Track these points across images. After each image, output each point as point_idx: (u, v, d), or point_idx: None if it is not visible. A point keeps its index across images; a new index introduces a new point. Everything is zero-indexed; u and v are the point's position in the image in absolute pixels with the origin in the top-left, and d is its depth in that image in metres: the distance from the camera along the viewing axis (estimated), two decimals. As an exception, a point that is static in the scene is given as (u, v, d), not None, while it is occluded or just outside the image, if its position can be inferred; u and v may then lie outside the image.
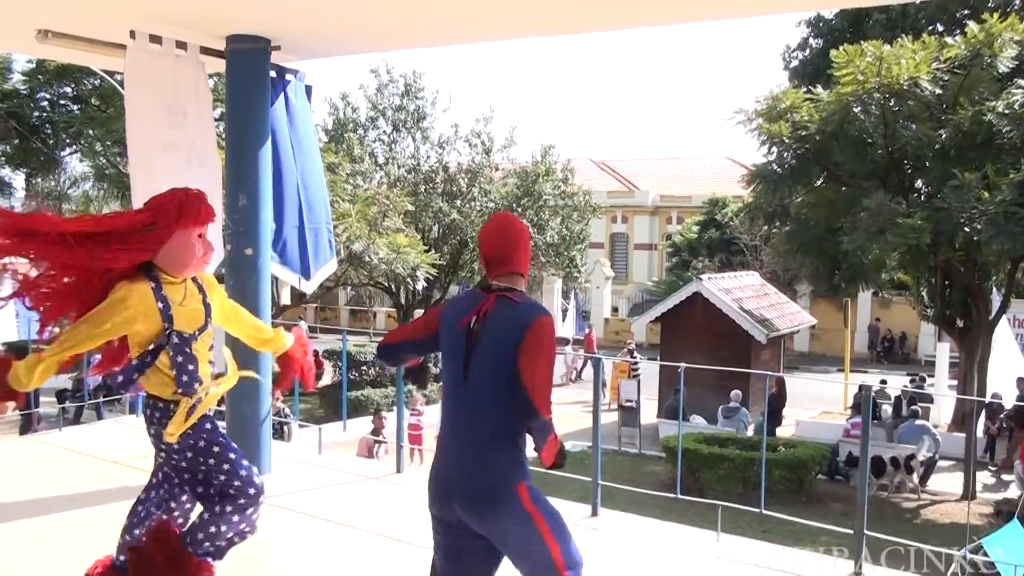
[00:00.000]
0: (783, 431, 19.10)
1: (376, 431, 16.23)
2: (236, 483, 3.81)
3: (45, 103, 30.29)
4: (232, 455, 3.85)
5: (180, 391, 3.76)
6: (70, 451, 7.49)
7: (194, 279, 3.86)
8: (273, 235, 6.27)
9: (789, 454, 15.04)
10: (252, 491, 3.85)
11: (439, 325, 3.39)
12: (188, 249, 3.71)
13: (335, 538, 5.48)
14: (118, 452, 7.31)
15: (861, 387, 5.29)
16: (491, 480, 3.16)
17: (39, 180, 33.97)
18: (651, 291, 37.90)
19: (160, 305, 3.67)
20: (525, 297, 3.33)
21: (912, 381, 21.39)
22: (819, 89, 16.41)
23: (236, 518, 3.83)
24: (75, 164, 33.38)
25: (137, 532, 3.86)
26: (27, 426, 15.68)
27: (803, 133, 16.06)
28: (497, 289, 3.29)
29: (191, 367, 3.78)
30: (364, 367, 23.16)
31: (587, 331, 31.33)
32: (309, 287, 6.83)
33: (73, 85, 29.00)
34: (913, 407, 17.45)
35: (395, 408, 18.93)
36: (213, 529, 3.81)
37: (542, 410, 3.06)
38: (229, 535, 3.86)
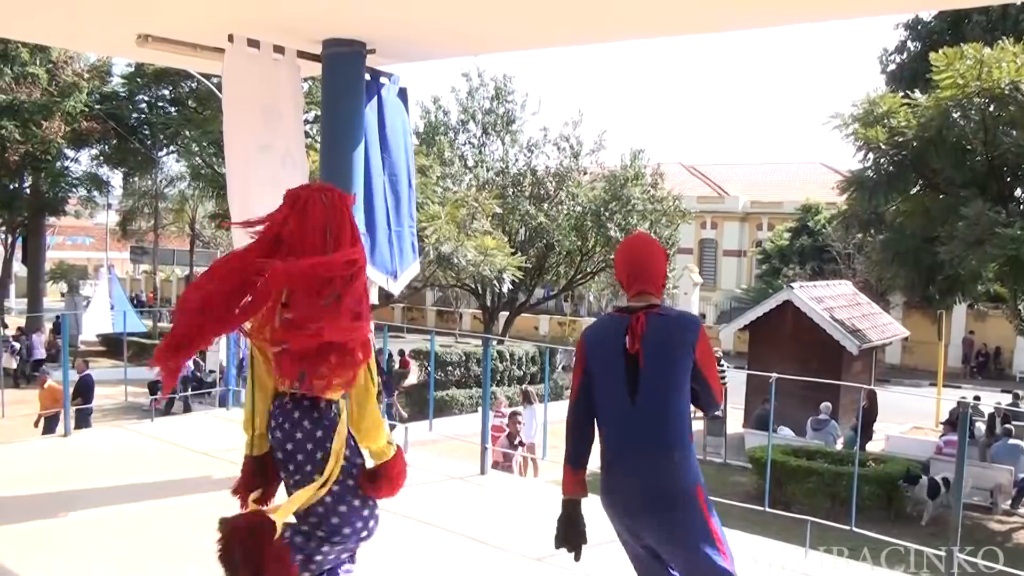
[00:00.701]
0: (873, 446, 18.68)
1: (511, 436, 13.60)
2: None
3: (143, 105, 31.13)
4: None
5: None
6: (162, 441, 7.69)
7: None
8: (366, 238, 6.34)
9: (879, 470, 14.69)
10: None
11: (588, 353, 3.48)
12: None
13: (418, 536, 5.53)
14: (208, 444, 7.49)
15: (959, 403, 5.12)
16: (678, 484, 3.29)
17: (136, 179, 34.95)
18: (740, 298, 37.44)
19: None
20: (669, 308, 3.51)
21: (1012, 398, 20.73)
22: (917, 93, 16.05)
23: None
24: (171, 164, 34.29)
25: None
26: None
27: (900, 139, 15.73)
28: (639, 308, 3.41)
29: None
30: (450, 367, 23.31)
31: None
32: (396, 288, 6.89)
33: (171, 88, 29.76)
34: (1007, 425, 16.89)
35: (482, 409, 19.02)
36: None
37: (719, 398, 3.46)
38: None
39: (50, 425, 13.39)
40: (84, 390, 15.01)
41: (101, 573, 4.70)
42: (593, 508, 3.47)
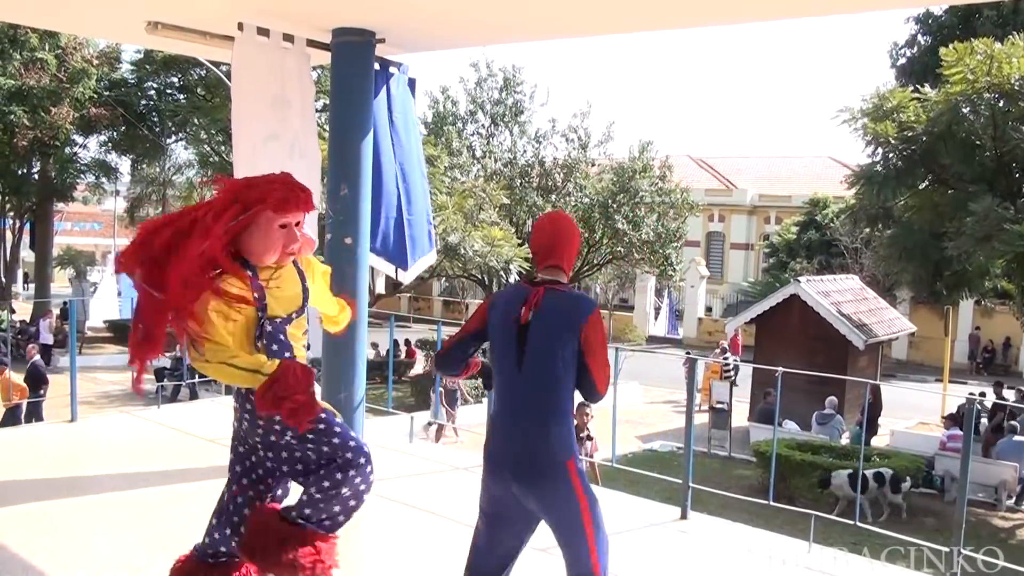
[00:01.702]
0: (878, 441, 18.66)
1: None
2: (347, 454, 3.57)
3: (152, 92, 31.13)
4: (337, 428, 3.61)
5: None
6: (168, 428, 7.72)
7: (294, 262, 3.66)
8: (372, 225, 6.34)
9: (883, 465, 14.68)
10: (363, 458, 3.60)
11: (489, 316, 3.60)
12: (269, 235, 3.48)
13: (421, 525, 5.54)
14: (214, 431, 7.51)
15: (968, 399, 5.11)
16: (546, 455, 3.40)
17: (145, 166, 34.97)
18: (746, 292, 37.36)
19: (256, 295, 3.49)
20: (570, 289, 3.59)
21: (1015, 395, 20.64)
22: (927, 88, 15.99)
23: (356, 480, 3.59)
24: (180, 151, 34.29)
25: (227, 532, 3.70)
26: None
27: (909, 134, 15.69)
28: (543, 281, 3.52)
29: (286, 353, 3.60)
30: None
31: (734, 334, 28.97)
32: (407, 277, 6.89)
33: (179, 75, 29.74)
34: (1012, 422, 16.85)
35: (481, 400, 18.97)
36: (325, 504, 3.58)
37: (601, 388, 3.48)
38: (349, 501, 3.61)
39: (11, 417, 12.88)
40: (33, 379, 14.32)
41: (106, 558, 4.72)
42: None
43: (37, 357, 15.10)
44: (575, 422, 4.02)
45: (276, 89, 5.91)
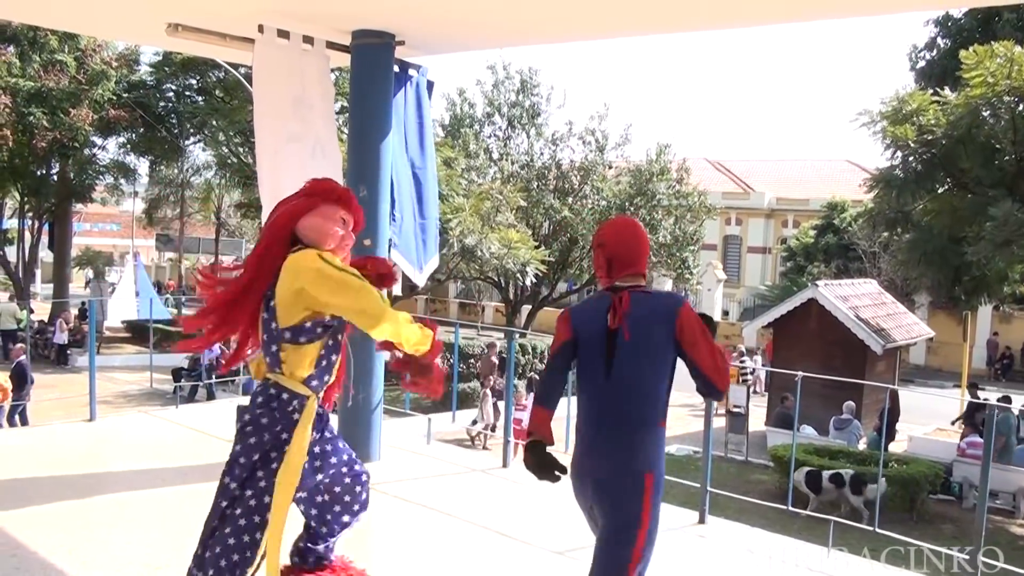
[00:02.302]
0: (895, 446, 18.56)
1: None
2: (354, 473, 3.77)
3: (171, 94, 31.23)
4: (341, 443, 3.79)
5: (312, 383, 3.52)
6: (186, 427, 7.74)
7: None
8: (396, 226, 6.35)
9: (901, 470, 14.58)
10: (364, 476, 3.81)
11: (572, 330, 3.48)
12: (327, 223, 3.52)
13: (438, 528, 5.54)
14: (231, 431, 7.51)
15: (987, 406, 5.07)
16: (626, 465, 3.29)
17: (163, 167, 35.14)
18: (764, 296, 37.25)
19: None
20: (656, 289, 3.58)
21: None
22: (947, 91, 15.90)
23: (356, 506, 3.79)
24: (198, 153, 34.44)
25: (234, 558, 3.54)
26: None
27: (929, 137, 15.60)
28: (626, 287, 3.43)
29: (333, 358, 3.59)
30: (472, 359, 23.30)
31: (767, 341, 28.41)
32: (420, 279, 6.91)
33: (198, 77, 29.82)
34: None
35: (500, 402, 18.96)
36: (334, 528, 3.79)
37: (716, 380, 3.34)
38: (346, 522, 3.80)
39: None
40: (18, 378, 14.17)
41: (124, 557, 4.73)
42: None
43: (23, 357, 14.92)
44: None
45: (297, 91, 5.92)
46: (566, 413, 7.69)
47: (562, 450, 8.25)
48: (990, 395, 22.73)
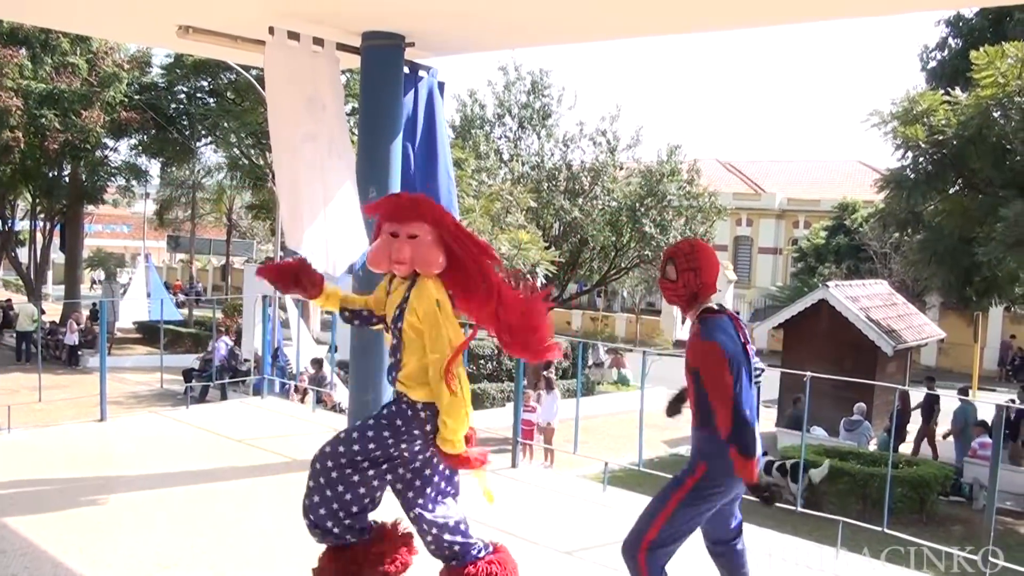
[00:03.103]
0: (906, 448, 18.50)
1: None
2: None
3: (182, 96, 31.31)
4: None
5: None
6: (197, 428, 7.77)
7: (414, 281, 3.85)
8: None
9: (911, 472, 14.54)
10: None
11: (728, 351, 3.68)
12: (376, 241, 3.89)
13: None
14: (242, 431, 7.56)
15: (998, 407, 5.07)
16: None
17: (174, 169, 35.22)
18: (774, 296, 37.19)
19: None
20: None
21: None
22: (957, 91, 15.85)
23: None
24: (209, 155, 34.49)
25: None
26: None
27: (940, 137, 15.56)
28: (722, 308, 3.90)
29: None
30: (482, 360, 23.30)
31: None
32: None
33: (209, 79, 29.90)
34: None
35: (504, 404, 18.94)
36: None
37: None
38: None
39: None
40: None
41: (135, 555, 4.76)
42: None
43: None
44: None
45: (310, 91, 5.93)
46: (575, 415, 7.72)
47: (570, 451, 8.23)
48: (999, 396, 22.65)
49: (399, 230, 3.73)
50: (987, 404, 13.43)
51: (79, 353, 25.61)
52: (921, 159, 16.20)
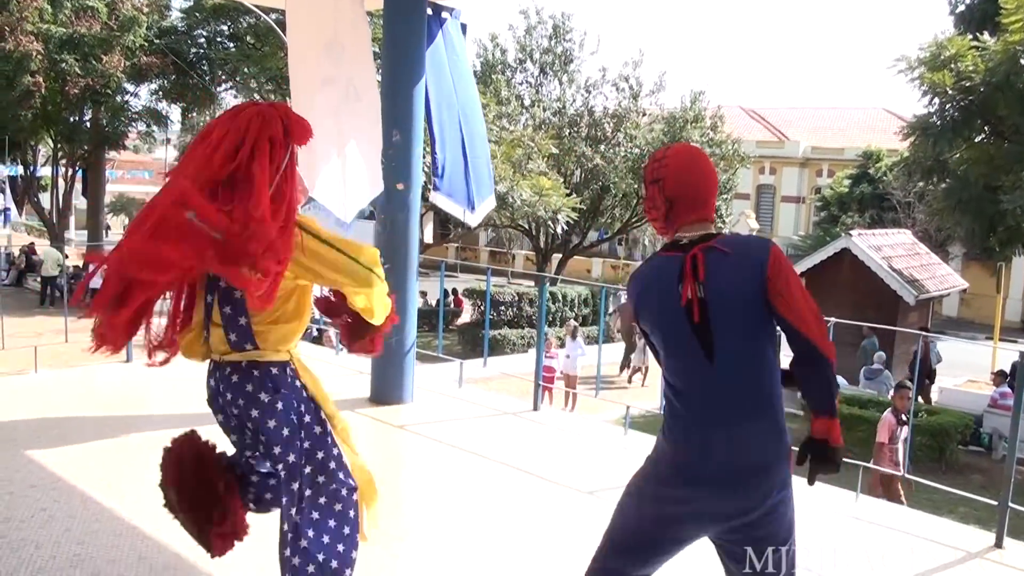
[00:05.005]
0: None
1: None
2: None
3: (202, 40, 31.11)
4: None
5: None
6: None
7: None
8: (439, 168, 6.34)
9: (931, 421, 14.56)
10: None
11: (638, 310, 2.81)
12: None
13: (469, 467, 5.61)
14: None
15: (1021, 355, 5.02)
16: (760, 456, 2.70)
17: (195, 114, 35.14)
18: (797, 245, 36.98)
19: None
20: (733, 236, 2.82)
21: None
22: (986, 36, 15.61)
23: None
24: (229, 99, 34.36)
25: None
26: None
27: (967, 84, 15.39)
28: (692, 241, 2.70)
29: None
30: (502, 307, 23.39)
31: None
32: (473, 220, 6.92)
33: (229, 23, 29.68)
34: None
35: (527, 350, 19.02)
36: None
37: (822, 345, 2.70)
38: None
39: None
40: None
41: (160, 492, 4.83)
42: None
43: None
44: (895, 404, 3.15)
45: (329, 34, 5.91)
46: (596, 361, 7.74)
47: (592, 395, 8.23)
48: (1022, 347, 22.54)
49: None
50: (1010, 353, 13.38)
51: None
52: (948, 106, 16.03)
